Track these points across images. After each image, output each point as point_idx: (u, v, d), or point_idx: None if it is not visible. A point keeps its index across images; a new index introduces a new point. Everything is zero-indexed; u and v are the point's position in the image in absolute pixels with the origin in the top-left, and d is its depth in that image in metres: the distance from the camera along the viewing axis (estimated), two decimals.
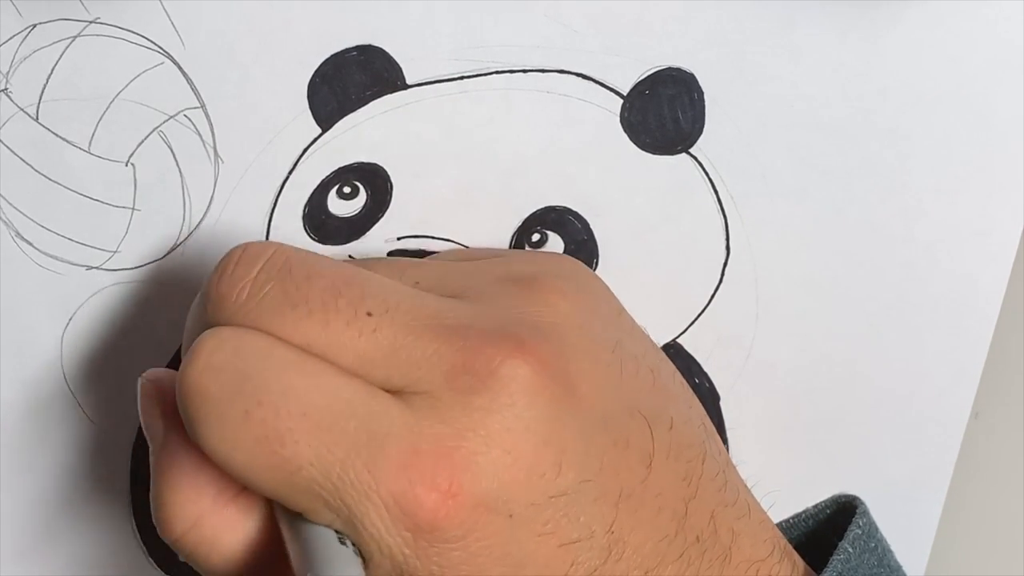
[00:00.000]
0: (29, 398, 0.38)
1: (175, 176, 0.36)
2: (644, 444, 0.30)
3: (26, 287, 0.37)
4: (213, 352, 0.27)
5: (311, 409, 0.27)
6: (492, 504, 0.27)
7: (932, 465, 0.38)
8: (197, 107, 0.35)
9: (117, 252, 0.37)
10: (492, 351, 0.28)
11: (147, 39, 0.35)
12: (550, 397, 0.28)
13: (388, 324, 0.28)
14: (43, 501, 0.39)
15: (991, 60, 0.35)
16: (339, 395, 0.27)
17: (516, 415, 0.28)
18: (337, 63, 0.35)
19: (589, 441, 0.29)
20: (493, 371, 0.28)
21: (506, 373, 0.28)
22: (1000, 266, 0.36)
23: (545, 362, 0.28)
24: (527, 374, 0.28)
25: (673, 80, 0.35)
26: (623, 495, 0.29)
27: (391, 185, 0.36)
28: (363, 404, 0.27)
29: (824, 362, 0.38)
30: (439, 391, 0.28)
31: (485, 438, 0.27)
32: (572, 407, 0.29)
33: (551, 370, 0.28)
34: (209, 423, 0.27)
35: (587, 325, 0.31)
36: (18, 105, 0.35)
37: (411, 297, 0.29)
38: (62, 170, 0.36)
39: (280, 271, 0.28)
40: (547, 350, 0.29)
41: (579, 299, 0.32)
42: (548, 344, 0.29)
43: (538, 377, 0.28)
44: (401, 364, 0.28)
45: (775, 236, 0.36)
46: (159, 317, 0.37)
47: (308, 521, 0.27)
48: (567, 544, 0.28)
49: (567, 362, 0.29)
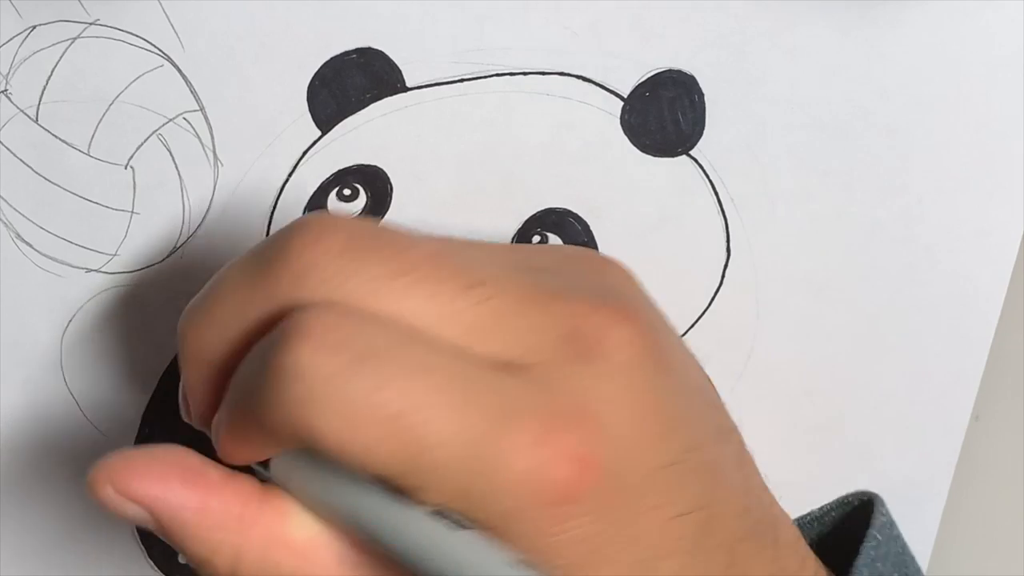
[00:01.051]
0: (29, 400, 0.38)
1: (174, 179, 0.36)
2: (718, 417, 0.30)
3: (26, 289, 0.37)
4: (329, 331, 0.25)
5: (440, 388, 0.25)
6: (618, 473, 0.26)
7: (933, 467, 0.38)
8: (196, 110, 0.35)
9: (116, 255, 0.37)
10: (599, 318, 0.27)
11: (147, 41, 0.35)
12: (654, 364, 0.28)
13: (498, 294, 0.27)
14: (43, 502, 0.39)
15: (991, 61, 0.35)
16: (467, 370, 0.26)
17: (629, 382, 0.27)
18: (337, 66, 0.35)
19: (686, 410, 0.28)
20: (603, 337, 0.27)
21: (615, 339, 0.27)
22: (1001, 267, 0.36)
23: (645, 330, 0.28)
24: (635, 340, 0.27)
25: (673, 82, 0.35)
26: (715, 466, 0.29)
27: (391, 187, 0.36)
28: (491, 379, 0.26)
29: (825, 364, 0.38)
30: (555, 359, 0.27)
31: (608, 404, 0.26)
32: (670, 376, 0.28)
33: (651, 338, 0.28)
34: (329, 406, 0.24)
35: (653, 304, 0.31)
36: (18, 107, 0.35)
37: (509, 269, 0.28)
38: (62, 172, 0.36)
39: (374, 242, 0.26)
40: (644, 319, 0.28)
41: (640, 285, 0.31)
42: (643, 313, 0.28)
43: (644, 343, 0.27)
44: (512, 335, 0.26)
45: (775, 238, 0.36)
46: (158, 320, 0.37)
47: (418, 507, 0.26)
48: (676, 517, 0.27)
49: (658, 333, 0.28)
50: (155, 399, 0.38)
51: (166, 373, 0.38)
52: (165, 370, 0.38)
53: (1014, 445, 0.39)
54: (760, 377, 0.38)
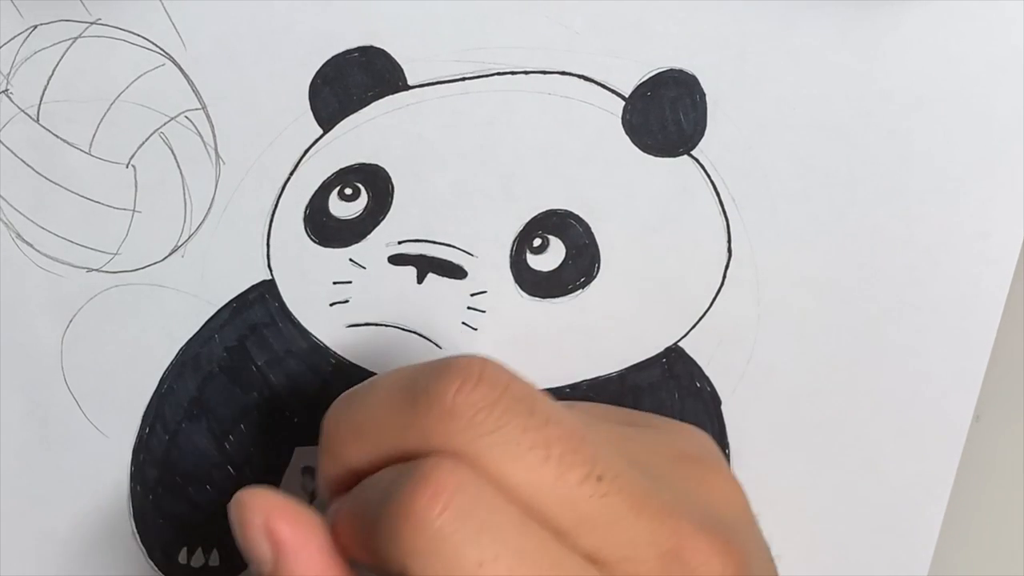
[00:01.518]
0: (29, 399, 0.38)
1: (176, 178, 0.36)
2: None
3: (27, 289, 0.37)
4: (455, 493, 0.26)
5: None
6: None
7: (934, 468, 0.38)
8: (198, 108, 0.35)
9: (118, 254, 0.37)
10: (705, 544, 0.28)
11: (148, 40, 0.35)
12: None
13: (616, 492, 0.28)
14: (43, 502, 0.39)
15: (992, 62, 0.35)
16: (564, 565, 0.27)
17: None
18: (338, 64, 0.35)
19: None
20: (702, 564, 0.28)
21: (714, 568, 0.28)
22: (1002, 268, 0.36)
23: (741, 564, 0.29)
24: (731, 574, 0.28)
25: (675, 82, 0.35)
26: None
27: (392, 186, 0.36)
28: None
29: (826, 365, 0.38)
30: (649, 574, 0.28)
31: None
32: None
33: (743, 573, 0.29)
34: (438, 563, 0.26)
35: (753, 523, 0.32)
36: (19, 106, 0.35)
37: (630, 469, 0.29)
38: (63, 172, 0.36)
39: (521, 406, 0.28)
40: (743, 552, 0.29)
41: (737, 487, 0.33)
42: (743, 545, 0.29)
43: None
44: (618, 537, 0.28)
45: (777, 238, 0.36)
46: (159, 319, 0.37)
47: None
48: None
49: (751, 564, 0.30)
50: (156, 399, 0.38)
51: (167, 372, 0.38)
52: (166, 370, 0.38)
53: (1015, 445, 0.39)
54: (761, 378, 0.38)
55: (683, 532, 0.28)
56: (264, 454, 0.39)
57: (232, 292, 0.37)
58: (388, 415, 0.29)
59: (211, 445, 0.39)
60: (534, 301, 0.37)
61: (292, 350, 0.38)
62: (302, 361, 0.38)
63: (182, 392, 0.38)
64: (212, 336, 0.38)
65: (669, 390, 0.38)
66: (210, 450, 0.39)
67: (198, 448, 0.39)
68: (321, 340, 0.38)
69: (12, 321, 0.37)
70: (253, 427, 0.39)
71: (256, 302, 0.37)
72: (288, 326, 0.38)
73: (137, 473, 0.39)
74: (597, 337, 0.37)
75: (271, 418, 0.39)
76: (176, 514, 0.39)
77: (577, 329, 0.37)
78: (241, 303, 0.37)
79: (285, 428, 0.39)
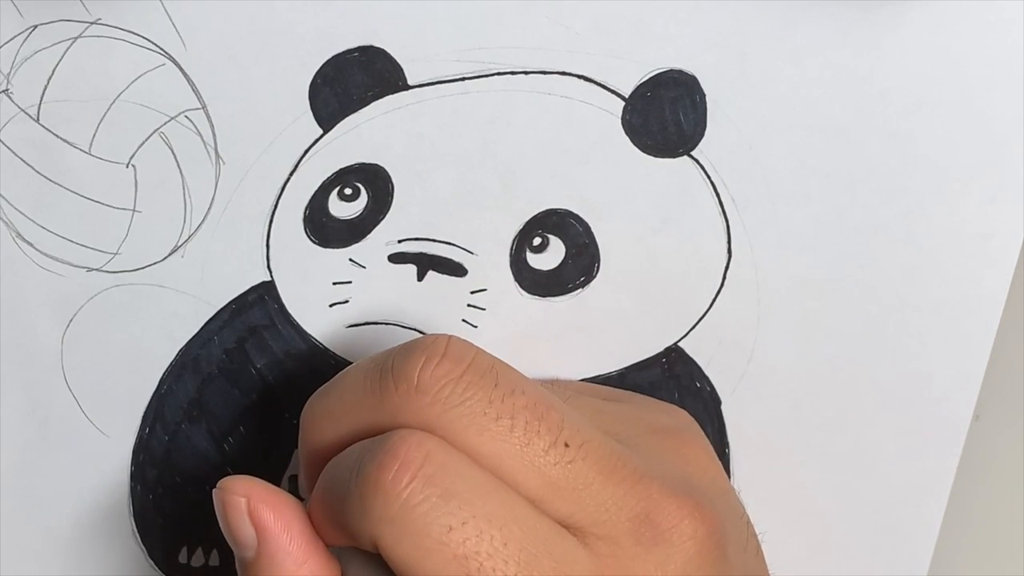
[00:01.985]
0: (29, 399, 0.38)
1: (176, 177, 0.36)
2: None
3: (27, 288, 0.37)
4: (422, 463, 0.27)
5: (511, 540, 0.27)
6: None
7: (934, 468, 0.38)
8: (198, 108, 0.35)
9: (118, 254, 0.37)
10: (674, 507, 0.29)
11: (148, 40, 0.35)
12: (713, 559, 0.29)
13: (583, 458, 0.28)
14: (43, 502, 0.39)
15: (993, 62, 0.35)
16: (536, 529, 0.27)
17: (687, 574, 0.29)
18: (338, 64, 0.35)
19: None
20: (673, 527, 0.28)
21: (684, 531, 0.28)
22: (1002, 268, 0.36)
23: (712, 526, 0.29)
24: (702, 535, 0.29)
25: (675, 82, 0.35)
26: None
27: (392, 186, 0.36)
28: (556, 542, 0.28)
29: (826, 365, 0.38)
30: (621, 538, 0.28)
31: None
32: (724, 570, 0.30)
33: (716, 534, 0.29)
34: (408, 531, 0.27)
35: (727, 489, 0.33)
36: (19, 106, 0.35)
37: (600, 435, 0.29)
38: (63, 171, 0.36)
39: (486, 377, 0.28)
40: (713, 514, 0.29)
41: (714, 458, 0.33)
42: (713, 508, 0.30)
43: (709, 540, 0.29)
44: (588, 502, 0.28)
45: (777, 239, 0.36)
46: (159, 320, 0.37)
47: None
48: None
49: (725, 528, 0.30)
50: (156, 399, 0.38)
51: (167, 373, 0.38)
52: (166, 370, 0.38)
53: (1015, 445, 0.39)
54: (761, 378, 0.38)
55: (653, 496, 0.28)
56: (264, 455, 0.39)
57: (232, 293, 0.37)
58: (359, 397, 0.29)
59: (211, 446, 0.39)
60: (534, 299, 0.37)
61: (291, 352, 0.38)
62: (302, 363, 0.38)
63: (181, 393, 0.38)
64: (211, 338, 0.38)
65: (669, 390, 0.38)
66: (210, 451, 0.39)
67: (198, 449, 0.39)
68: (320, 342, 0.38)
69: (12, 320, 0.37)
70: (253, 428, 0.39)
71: (255, 304, 0.37)
72: (287, 328, 0.38)
73: (137, 473, 0.39)
74: (597, 336, 0.37)
75: (271, 419, 0.39)
76: (176, 514, 0.39)
77: (577, 328, 0.37)
78: (240, 305, 0.37)
79: (285, 429, 0.39)
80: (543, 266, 0.37)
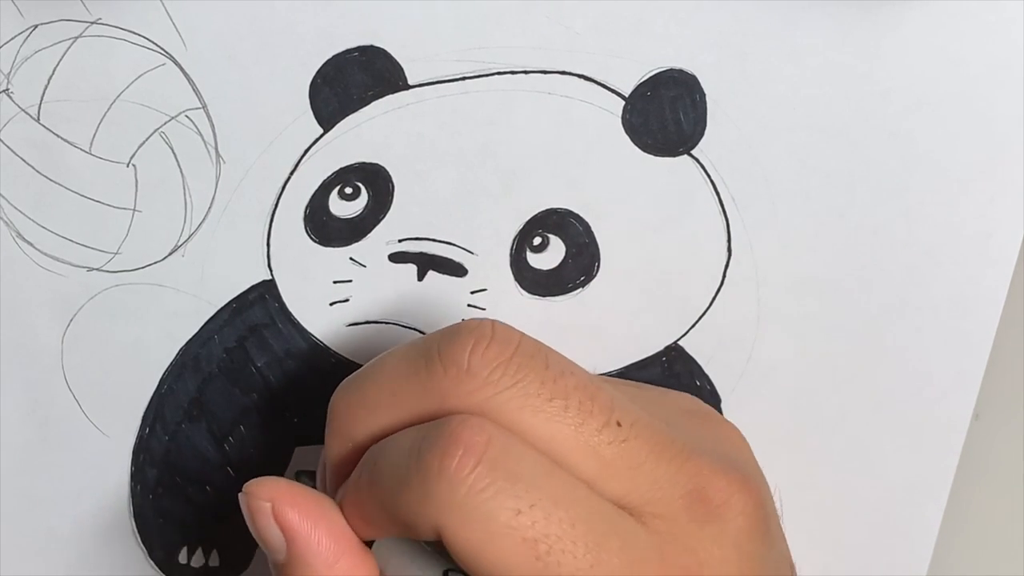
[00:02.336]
0: (29, 399, 0.38)
1: (176, 177, 0.36)
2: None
3: (27, 288, 0.37)
4: (485, 447, 0.26)
5: (578, 521, 0.27)
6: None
7: (934, 467, 0.38)
8: (199, 108, 0.35)
9: (118, 254, 0.37)
10: (724, 483, 0.29)
11: (149, 40, 0.35)
12: (762, 536, 0.29)
13: (635, 437, 0.28)
14: (43, 501, 0.39)
15: (993, 62, 0.35)
16: (599, 509, 0.27)
17: (739, 549, 0.29)
18: (339, 63, 0.35)
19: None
20: (724, 502, 0.28)
21: (735, 506, 0.29)
22: (1002, 268, 0.36)
23: (759, 500, 0.29)
24: (750, 510, 0.29)
25: (675, 82, 0.35)
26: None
27: (392, 186, 0.36)
28: (618, 522, 0.28)
29: (825, 364, 0.38)
30: (675, 515, 0.28)
31: (719, 566, 0.28)
32: (772, 548, 0.30)
33: (764, 511, 0.29)
34: (475, 516, 0.26)
35: (760, 467, 0.33)
36: (19, 106, 0.35)
37: (647, 415, 0.29)
38: (63, 171, 0.36)
39: (535, 359, 0.28)
40: (759, 489, 0.30)
41: (744, 437, 0.33)
42: (757, 483, 0.30)
43: (757, 515, 0.29)
44: (641, 481, 0.28)
45: (777, 238, 0.36)
46: (160, 319, 0.37)
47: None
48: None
49: (768, 506, 0.30)
50: (156, 399, 0.38)
51: (167, 372, 0.38)
52: (166, 369, 0.38)
53: (1014, 444, 0.39)
54: (761, 377, 0.38)
55: (703, 472, 0.28)
56: (264, 455, 0.39)
57: (232, 292, 0.37)
58: (401, 384, 0.29)
59: (211, 446, 0.39)
60: (534, 299, 0.37)
61: (292, 351, 0.38)
62: (302, 362, 0.38)
63: (182, 393, 0.38)
64: (211, 337, 0.38)
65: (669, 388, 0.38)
66: (210, 451, 0.39)
67: (198, 449, 0.39)
68: (321, 340, 0.38)
69: (12, 320, 0.37)
70: (253, 428, 0.39)
71: (256, 303, 0.37)
72: (288, 326, 0.38)
73: (137, 473, 0.39)
74: (597, 336, 0.37)
75: (271, 419, 0.39)
76: (176, 514, 0.39)
77: (577, 328, 0.37)
78: (241, 303, 0.37)
79: (285, 429, 0.39)
80: (543, 266, 0.37)
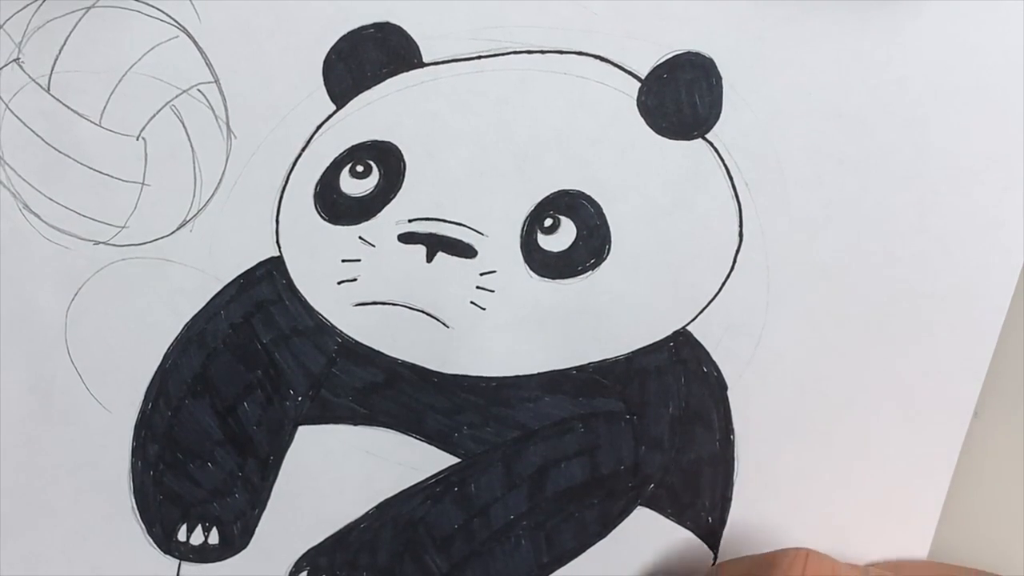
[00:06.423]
0: (32, 373, 0.38)
1: (186, 151, 0.36)
2: None
3: (32, 260, 0.37)
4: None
5: None
6: None
7: (936, 454, 0.38)
8: (211, 82, 0.35)
9: (125, 227, 0.37)
10: None
11: (162, 12, 0.35)
12: None
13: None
14: (43, 475, 0.39)
15: (1009, 53, 0.35)
16: None
17: None
18: (353, 40, 0.35)
19: None
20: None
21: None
22: (1012, 257, 0.36)
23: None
24: None
25: (692, 65, 0.35)
26: None
27: (404, 164, 0.36)
28: None
29: (833, 352, 0.38)
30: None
31: None
32: None
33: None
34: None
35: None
36: (30, 75, 0.35)
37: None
38: (72, 143, 0.36)
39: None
40: None
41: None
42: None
43: None
44: None
45: (788, 224, 0.36)
46: (166, 294, 0.37)
47: None
48: None
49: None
50: (159, 375, 0.38)
51: (172, 348, 0.38)
52: (171, 344, 0.38)
53: (1014, 442, 0.39)
54: (768, 364, 0.38)
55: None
56: (267, 433, 0.39)
57: (240, 268, 0.37)
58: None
59: (213, 422, 0.39)
60: (543, 281, 0.37)
61: (298, 328, 0.38)
62: (307, 339, 0.38)
63: (186, 368, 0.38)
64: (218, 312, 0.38)
65: (675, 374, 0.38)
66: (212, 427, 0.39)
67: (200, 425, 0.39)
68: (327, 319, 0.37)
69: (16, 293, 0.37)
70: (256, 405, 0.39)
71: (263, 279, 0.37)
72: (295, 304, 0.37)
73: (139, 448, 0.39)
74: (605, 319, 0.37)
75: (275, 396, 0.38)
76: (176, 491, 0.39)
77: (585, 311, 0.37)
78: (248, 279, 0.37)
79: (289, 406, 0.39)
80: (554, 247, 0.37)
